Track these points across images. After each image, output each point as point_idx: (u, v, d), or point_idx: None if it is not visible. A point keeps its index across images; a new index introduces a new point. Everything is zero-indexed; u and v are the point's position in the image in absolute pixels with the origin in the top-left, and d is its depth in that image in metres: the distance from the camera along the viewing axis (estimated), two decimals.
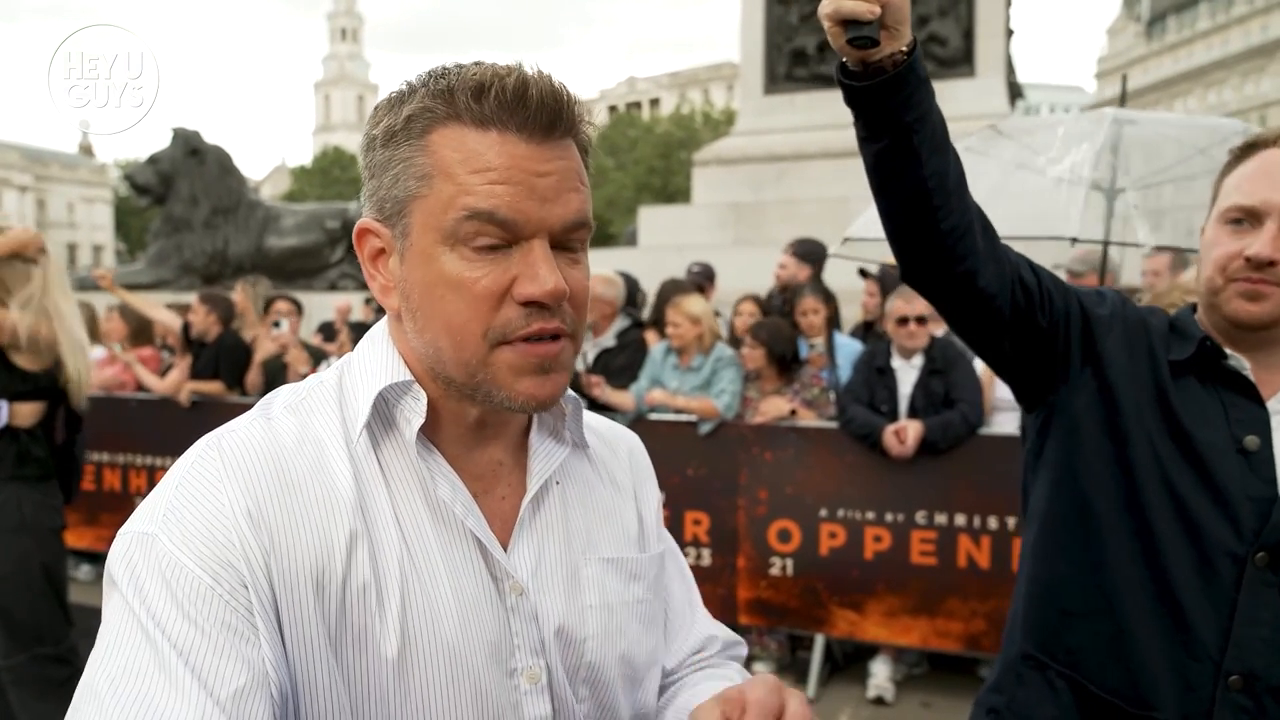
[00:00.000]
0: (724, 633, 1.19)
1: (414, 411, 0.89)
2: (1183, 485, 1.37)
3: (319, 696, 0.83)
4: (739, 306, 5.46)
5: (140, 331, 6.20)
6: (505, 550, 0.93)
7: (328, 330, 7.87)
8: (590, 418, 1.10)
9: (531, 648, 0.92)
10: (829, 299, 5.18)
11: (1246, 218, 1.39)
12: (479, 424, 0.93)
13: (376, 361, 0.92)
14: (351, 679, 0.84)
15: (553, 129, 0.85)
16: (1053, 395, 1.50)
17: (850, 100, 1.27)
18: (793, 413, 4.45)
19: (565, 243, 0.87)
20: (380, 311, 0.95)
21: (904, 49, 1.20)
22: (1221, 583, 1.35)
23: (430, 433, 0.91)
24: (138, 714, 0.73)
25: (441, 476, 0.90)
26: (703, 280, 6.65)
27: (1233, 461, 1.37)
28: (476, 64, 0.86)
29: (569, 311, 0.88)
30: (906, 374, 4.31)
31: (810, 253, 6.20)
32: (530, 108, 0.83)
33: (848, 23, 1.15)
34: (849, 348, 4.97)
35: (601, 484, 1.06)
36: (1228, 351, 1.41)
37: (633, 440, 1.16)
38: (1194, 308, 1.52)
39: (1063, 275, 5.51)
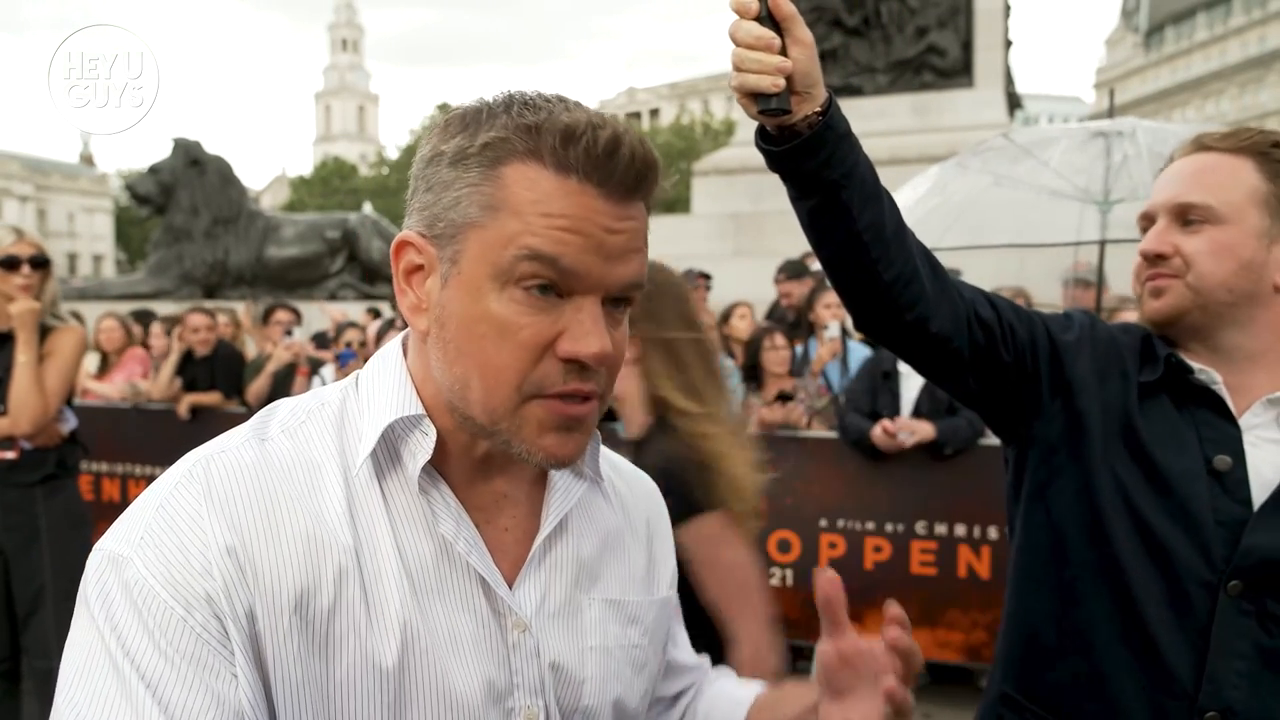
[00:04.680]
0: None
1: (420, 447, 0.86)
2: (1149, 512, 1.33)
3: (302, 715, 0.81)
4: (738, 310, 5.50)
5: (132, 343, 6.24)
6: (510, 585, 0.90)
7: (321, 339, 7.86)
8: (611, 455, 1.08)
9: (531, 687, 0.90)
10: None
11: (1149, 223, 1.43)
12: (485, 458, 0.90)
13: (387, 389, 0.88)
14: (339, 702, 0.81)
15: (635, 192, 0.82)
16: (1026, 428, 1.46)
17: (771, 164, 1.25)
18: (803, 420, 4.45)
19: (616, 301, 0.84)
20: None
21: (819, 109, 1.19)
22: (1195, 614, 1.30)
23: (437, 463, 0.88)
24: None
25: (445, 511, 0.87)
26: (703, 288, 6.70)
27: (1202, 485, 1.31)
28: (563, 103, 0.83)
29: (604, 374, 0.85)
30: (913, 379, 4.27)
31: (800, 268, 6.28)
32: (619, 166, 0.80)
33: (757, 95, 1.14)
34: (861, 353, 4.96)
35: (613, 520, 1.03)
36: (1195, 366, 1.37)
37: (653, 492, 1.13)
38: None
39: (1071, 289, 5.54)
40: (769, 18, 1.12)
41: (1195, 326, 1.38)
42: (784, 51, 1.13)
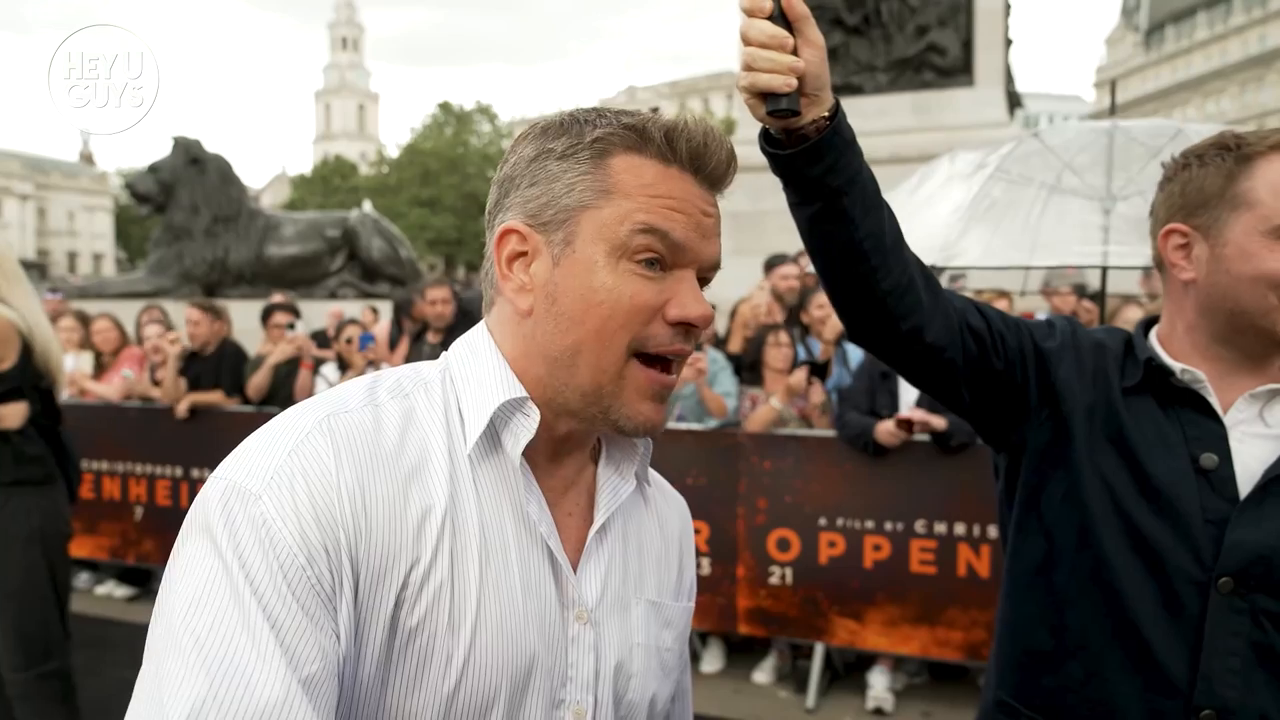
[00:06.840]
0: None
1: (523, 428, 0.90)
2: (1138, 514, 1.33)
3: (355, 696, 0.82)
4: (753, 297, 5.55)
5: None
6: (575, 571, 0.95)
7: (321, 338, 7.86)
8: (652, 472, 1.11)
9: (585, 681, 0.93)
10: None
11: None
12: (564, 439, 0.95)
13: (488, 373, 0.92)
14: (398, 685, 0.83)
15: (721, 181, 0.95)
16: (1016, 435, 1.47)
17: (776, 169, 1.25)
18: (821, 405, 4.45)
19: (701, 280, 0.95)
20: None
21: (826, 114, 1.19)
22: (1188, 613, 1.30)
23: (525, 447, 0.92)
24: (224, 676, 0.72)
25: (533, 494, 0.91)
26: None
27: (1190, 484, 1.32)
28: (656, 110, 0.95)
29: (696, 338, 0.94)
30: None
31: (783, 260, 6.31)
32: (712, 158, 0.92)
33: (767, 95, 1.14)
34: (860, 353, 4.97)
35: (655, 526, 1.08)
36: (1178, 366, 1.37)
37: (684, 510, 1.18)
38: (1147, 325, 1.48)
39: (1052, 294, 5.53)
40: (781, 17, 1.12)
41: None
42: (795, 52, 1.13)
